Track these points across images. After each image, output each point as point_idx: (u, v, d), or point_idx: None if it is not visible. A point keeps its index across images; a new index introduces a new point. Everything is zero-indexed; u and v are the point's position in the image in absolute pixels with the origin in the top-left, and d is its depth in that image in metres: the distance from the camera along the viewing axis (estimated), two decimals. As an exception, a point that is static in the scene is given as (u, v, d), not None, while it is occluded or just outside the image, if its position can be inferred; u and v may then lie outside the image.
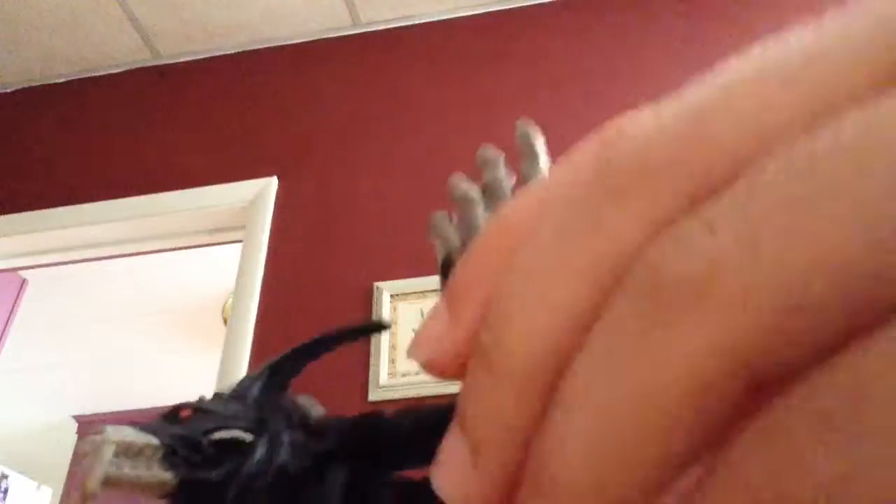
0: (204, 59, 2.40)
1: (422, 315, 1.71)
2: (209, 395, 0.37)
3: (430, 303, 1.72)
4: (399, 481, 0.37)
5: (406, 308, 1.73)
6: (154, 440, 0.32)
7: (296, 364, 0.41)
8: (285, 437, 0.35)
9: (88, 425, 4.09)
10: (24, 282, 3.00)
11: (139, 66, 2.43)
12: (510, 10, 2.24)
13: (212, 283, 3.25)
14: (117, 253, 2.21)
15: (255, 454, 0.33)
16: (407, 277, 1.77)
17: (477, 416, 0.13)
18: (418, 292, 1.74)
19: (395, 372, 1.65)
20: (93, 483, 0.30)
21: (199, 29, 2.33)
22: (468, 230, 0.41)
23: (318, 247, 1.90)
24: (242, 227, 1.98)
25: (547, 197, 0.14)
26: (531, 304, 0.12)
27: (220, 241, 2.13)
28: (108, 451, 0.31)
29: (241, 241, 1.97)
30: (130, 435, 0.32)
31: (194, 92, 2.33)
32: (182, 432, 0.34)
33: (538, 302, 0.12)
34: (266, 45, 2.37)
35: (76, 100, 2.42)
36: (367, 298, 1.76)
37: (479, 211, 0.42)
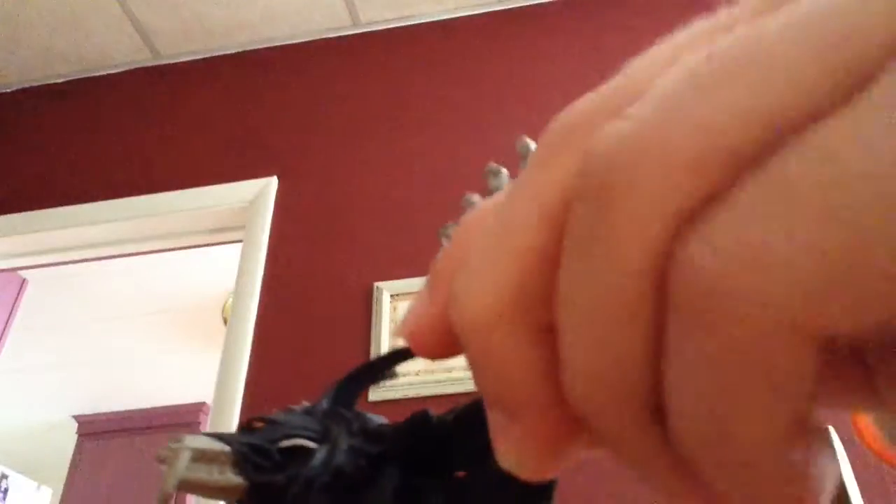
0: (204, 59, 2.40)
1: (422, 315, 1.71)
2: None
3: (430, 303, 1.72)
4: (448, 481, 0.38)
5: (406, 308, 1.73)
6: (226, 447, 0.34)
7: (363, 380, 0.43)
8: (344, 443, 0.36)
9: (88, 425, 4.09)
10: (24, 282, 3.00)
11: (139, 66, 2.43)
12: (510, 10, 2.24)
13: (212, 283, 3.25)
14: (117, 253, 2.21)
15: (316, 457, 0.35)
16: (407, 277, 1.77)
17: (487, 386, 0.13)
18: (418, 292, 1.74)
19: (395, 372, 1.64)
20: (169, 485, 0.32)
21: (199, 29, 2.33)
22: None
23: (318, 247, 1.90)
24: (242, 227, 1.98)
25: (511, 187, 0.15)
26: (481, 264, 0.13)
27: (220, 241, 2.13)
28: (185, 457, 0.33)
29: (241, 241, 1.97)
30: (205, 442, 0.34)
31: (194, 92, 2.34)
32: (253, 440, 0.35)
33: (489, 258, 0.13)
34: (266, 45, 2.37)
35: (76, 100, 2.42)
36: (367, 298, 1.76)
37: None
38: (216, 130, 2.21)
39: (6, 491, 3.90)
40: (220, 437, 0.35)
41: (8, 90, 2.50)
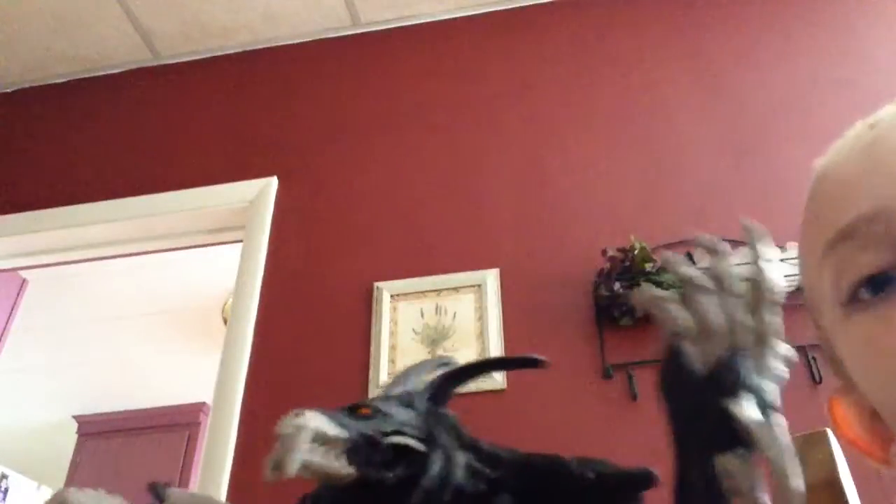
0: (204, 60, 2.40)
1: (422, 315, 1.71)
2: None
3: (430, 303, 1.72)
4: None
5: (406, 308, 1.73)
6: (344, 434, 0.34)
7: (460, 381, 0.43)
8: (460, 458, 0.36)
9: (88, 425, 4.09)
10: (24, 282, 3.00)
11: (139, 66, 2.43)
12: (510, 10, 2.24)
13: (212, 283, 3.24)
14: (117, 253, 2.21)
15: (432, 468, 0.35)
16: (407, 277, 1.77)
17: None
18: (418, 292, 1.74)
19: (395, 372, 1.65)
20: (292, 466, 0.33)
21: (199, 29, 2.33)
22: (698, 317, 0.42)
23: (318, 247, 1.90)
24: (242, 227, 1.98)
25: None
26: None
27: (220, 241, 2.13)
28: (307, 438, 0.33)
29: (241, 241, 1.97)
30: (325, 425, 0.34)
31: (194, 92, 2.33)
32: (366, 430, 0.35)
33: None
34: (266, 45, 2.37)
35: (76, 100, 2.42)
36: (367, 298, 1.76)
37: (711, 300, 0.43)
38: (216, 130, 2.21)
39: (6, 491, 3.89)
40: (336, 420, 0.35)
41: (8, 90, 2.50)
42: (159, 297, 3.37)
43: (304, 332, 1.76)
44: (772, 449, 0.34)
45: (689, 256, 1.64)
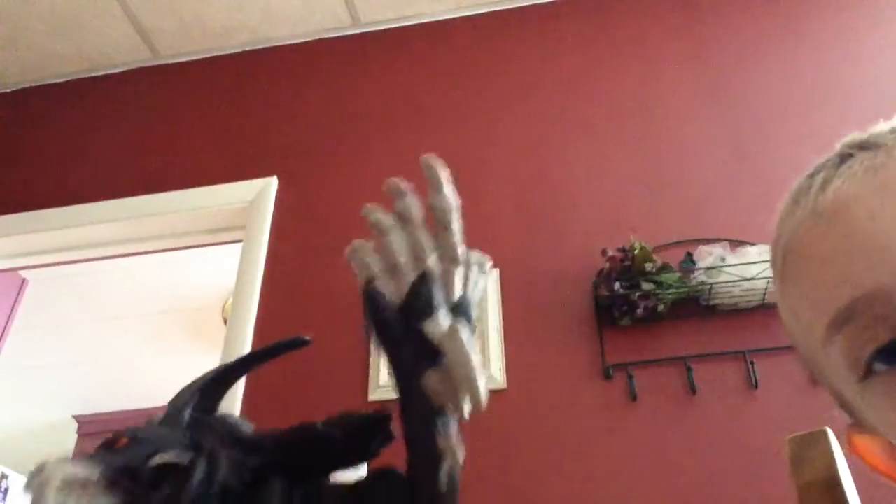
0: (204, 59, 2.40)
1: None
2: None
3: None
4: (331, 484, 0.40)
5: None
6: (94, 472, 0.33)
7: (222, 385, 0.43)
8: (222, 456, 0.36)
9: (88, 425, 4.09)
10: (24, 282, 3.00)
11: (139, 65, 2.43)
12: (510, 10, 2.24)
13: (212, 283, 3.24)
14: (117, 253, 2.21)
15: (196, 474, 0.34)
16: (407, 277, 1.76)
17: None
18: (418, 292, 1.74)
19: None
20: None
21: (199, 29, 2.33)
22: (386, 256, 0.46)
23: (317, 247, 1.90)
24: (242, 227, 1.98)
25: None
26: None
27: (220, 241, 2.13)
28: (53, 487, 0.31)
29: (241, 241, 1.97)
30: (72, 469, 0.32)
31: (194, 92, 2.33)
32: (122, 461, 0.34)
33: None
34: (266, 45, 2.37)
35: (76, 100, 2.42)
36: (367, 298, 1.76)
37: (396, 237, 0.46)
38: (216, 130, 2.21)
39: (6, 491, 3.89)
40: (87, 460, 0.34)
41: (8, 90, 2.50)
42: (159, 297, 3.37)
43: (304, 332, 1.75)
44: (453, 354, 0.36)
45: (689, 256, 1.64)
